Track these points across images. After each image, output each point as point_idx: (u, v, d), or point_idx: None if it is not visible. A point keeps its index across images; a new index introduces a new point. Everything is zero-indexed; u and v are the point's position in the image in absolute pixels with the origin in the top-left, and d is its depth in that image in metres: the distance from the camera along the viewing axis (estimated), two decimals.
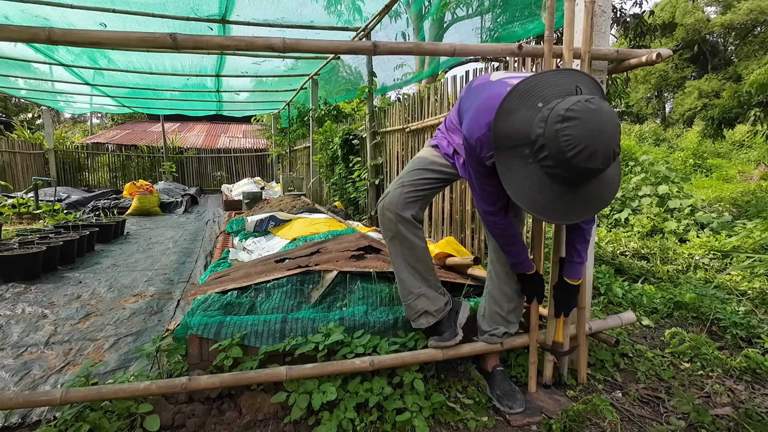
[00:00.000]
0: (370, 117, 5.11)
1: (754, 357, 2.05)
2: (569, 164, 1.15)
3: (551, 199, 1.25)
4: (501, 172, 1.30)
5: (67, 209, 7.35)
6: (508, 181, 1.28)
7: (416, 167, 1.79)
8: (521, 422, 1.63)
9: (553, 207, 1.26)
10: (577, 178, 1.20)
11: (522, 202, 1.26)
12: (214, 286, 2.30)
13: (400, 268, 1.79)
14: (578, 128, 1.13)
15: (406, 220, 1.71)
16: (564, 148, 1.14)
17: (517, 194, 1.27)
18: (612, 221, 5.44)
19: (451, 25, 4.43)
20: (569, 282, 1.70)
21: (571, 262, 1.69)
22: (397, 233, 1.73)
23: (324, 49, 1.79)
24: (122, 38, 1.54)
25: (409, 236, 1.73)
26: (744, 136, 13.52)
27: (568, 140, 1.13)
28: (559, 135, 1.15)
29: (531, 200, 1.26)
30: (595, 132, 1.13)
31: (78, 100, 9.00)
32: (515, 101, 1.28)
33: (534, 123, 1.22)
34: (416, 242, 1.75)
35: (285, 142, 10.29)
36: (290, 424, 1.59)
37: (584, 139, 1.12)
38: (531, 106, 1.26)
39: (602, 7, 1.86)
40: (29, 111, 21.90)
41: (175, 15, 4.39)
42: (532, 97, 1.27)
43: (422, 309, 1.78)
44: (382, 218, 1.76)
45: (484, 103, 1.42)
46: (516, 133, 1.26)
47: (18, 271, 3.47)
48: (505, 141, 1.28)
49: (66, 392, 1.46)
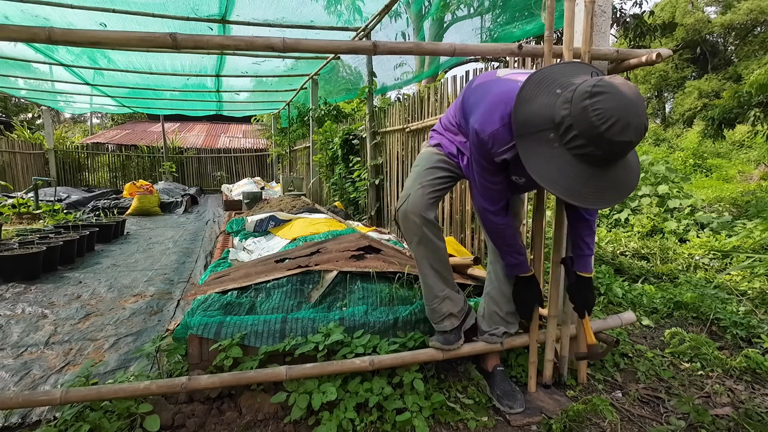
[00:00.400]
0: (370, 117, 5.11)
1: (754, 357, 2.05)
2: (602, 139, 1.14)
3: (581, 183, 1.23)
4: (526, 159, 1.27)
5: (67, 209, 7.34)
6: (534, 167, 1.26)
7: (428, 166, 1.75)
8: (521, 422, 1.63)
9: (583, 190, 1.23)
10: (609, 154, 1.18)
11: (551, 186, 1.24)
12: (214, 286, 2.30)
13: (426, 273, 1.74)
14: (608, 101, 1.13)
15: (430, 222, 1.66)
16: (596, 122, 1.13)
17: (545, 179, 1.24)
18: (612, 221, 5.44)
19: (451, 25, 4.43)
20: (585, 276, 1.69)
21: (582, 255, 1.68)
22: (422, 237, 1.67)
23: (324, 48, 1.79)
24: (122, 38, 1.54)
25: (433, 239, 1.68)
26: (744, 136, 13.52)
27: (599, 114, 1.13)
28: (588, 111, 1.14)
29: (561, 184, 1.23)
30: (626, 104, 1.13)
31: (78, 100, 9.00)
32: (532, 89, 1.29)
33: (556, 106, 1.22)
34: (439, 244, 1.71)
35: (285, 142, 10.29)
36: (290, 424, 1.59)
37: (616, 111, 1.12)
38: (549, 93, 1.27)
39: (602, 7, 1.86)
40: (29, 111, 21.90)
41: (175, 15, 4.39)
42: (549, 85, 1.28)
43: (447, 312, 1.75)
44: (405, 223, 1.69)
45: (496, 98, 1.41)
46: (538, 118, 1.25)
47: (18, 271, 3.47)
48: (527, 127, 1.27)
49: (66, 392, 1.46)
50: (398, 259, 2.51)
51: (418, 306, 1.98)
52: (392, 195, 4.75)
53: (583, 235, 1.66)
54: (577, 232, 1.67)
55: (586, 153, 1.19)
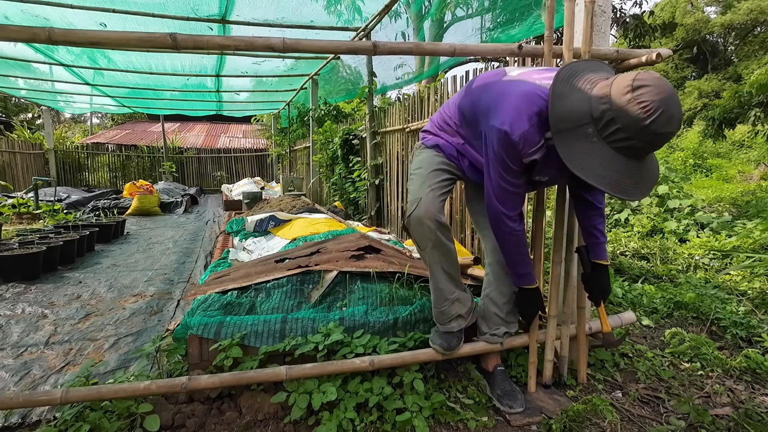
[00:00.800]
0: (370, 117, 5.11)
1: (754, 357, 2.05)
2: (646, 131, 1.15)
3: (624, 174, 1.23)
4: (566, 156, 1.27)
5: (67, 209, 7.34)
6: (576, 163, 1.25)
7: (432, 168, 1.71)
8: (521, 422, 1.63)
9: (626, 183, 1.24)
10: (651, 146, 1.20)
11: (596, 180, 1.23)
12: (214, 286, 2.30)
13: (438, 278, 1.71)
14: (652, 94, 1.14)
15: (443, 225, 1.63)
16: (641, 115, 1.14)
17: (590, 174, 1.24)
18: (612, 221, 5.44)
19: (450, 26, 4.43)
20: (602, 263, 1.70)
21: (598, 244, 1.69)
22: (436, 241, 1.63)
23: (324, 48, 1.79)
24: (122, 38, 1.54)
25: (446, 242, 1.66)
26: (744, 136, 13.51)
27: (645, 106, 1.14)
28: (633, 104, 1.15)
29: (606, 178, 1.23)
30: (669, 96, 1.15)
31: (78, 100, 9.00)
32: (563, 85, 1.30)
33: (593, 101, 1.23)
34: (451, 246, 1.69)
35: (285, 142, 10.29)
36: (290, 424, 1.59)
37: (661, 103, 1.13)
38: (580, 89, 1.28)
39: (602, 7, 1.86)
40: (29, 111, 21.90)
41: (175, 15, 4.39)
42: (578, 80, 1.29)
43: (456, 314, 1.74)
44: (419, 228, 1.63)
45: (519, 98, 1.39)
46: (575, 114, 1.26)
47: (18, 271, 3.47)
48: (564, 123, 1.27)
49: (66, 392, 1.46)
50: (398, 259, 2.51)
51: (418, 306, 1.98)
52: (392, 195, 4.75)
53: (596, 223, 1.67)
54: (591, 221, 1.67)
55: (628, 146, 1.20)
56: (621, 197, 1.26)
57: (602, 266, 1.70)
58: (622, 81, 1.19)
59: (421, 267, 2.41)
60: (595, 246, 1.69)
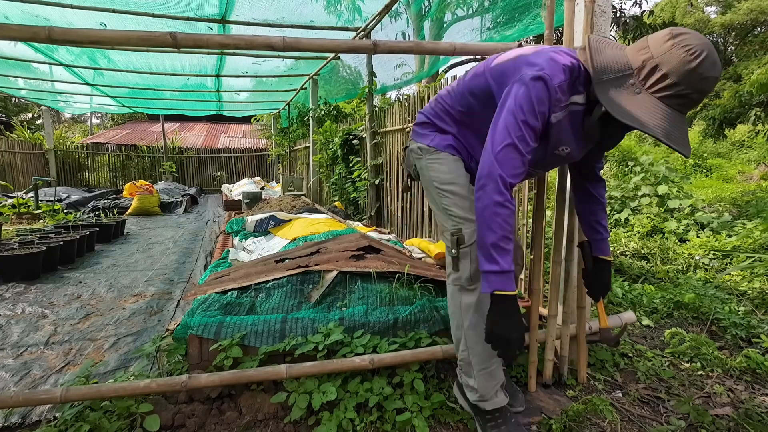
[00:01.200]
0: (370, 117, 5.11)
1: (754, 357, 2.05)
2: (694, 74, 1.13)
3: (672, 125, 1.17)
4: (612, 106, 1.21)
5: (67, 209, 7.35)
6: (624, 112, 1.19)
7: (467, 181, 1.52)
8: (521, 422, 1.63)
9: (675, 134, 1.17)
10: (697, 93, 1.16)
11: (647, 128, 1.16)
12: (214, 286, 2.30)
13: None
14: (694, 39, 1.14)
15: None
16: (688, 57, 1.12)
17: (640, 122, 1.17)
18: (612, 221, 5.44)
19: (451, 25, 4.42)
20: (605, 259, 1.67)
21: (602, 239, 1.66)
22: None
23: (324, 47, 1.79)
24: (122, 37, 1.54)
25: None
26: (744, 136, 13.51)
27: (690, 49, 1.12)
28: (677, 48, 1.13)
29: (658, 126, 1.17)
30: (708, 42, 1.14)
31: (78, 100, 9.00)
32: (597, 43, 1.29)
33: (631, 53, 1.23)
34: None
35: (285, 142, 10.28)
36: (290, 424, 1.59)
37: (704, 46, 1.13)
38: (613, 47, 1.28)
39: (602, 7, 1.86)
40: (29, 111, 21.89)
41: (175, 15, 4.38)
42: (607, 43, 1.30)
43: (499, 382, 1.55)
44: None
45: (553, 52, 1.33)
46: (615, 65, 1.24)
47: (18, 271, 3.47)
48: (606, 73, 1.24)
49: (66, 391, 1.46)
50: (398, 259, 2.51)
51: (418, 306, 1.98)
52: (392, 195, 4.74)
53: (599, 218, 1.65)
54: (595, 216, 1.65)
55: (675, 93, 1.16)
56: (673, 147, 1.15)
57: (605, 262, 1.68)
58: (658, 34, 1.18)
59: (422, 267, 2.41)
60: (599, 242, 1.67)
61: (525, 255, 2.40)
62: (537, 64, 1.29)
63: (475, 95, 1.48)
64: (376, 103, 8.26)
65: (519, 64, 1.34)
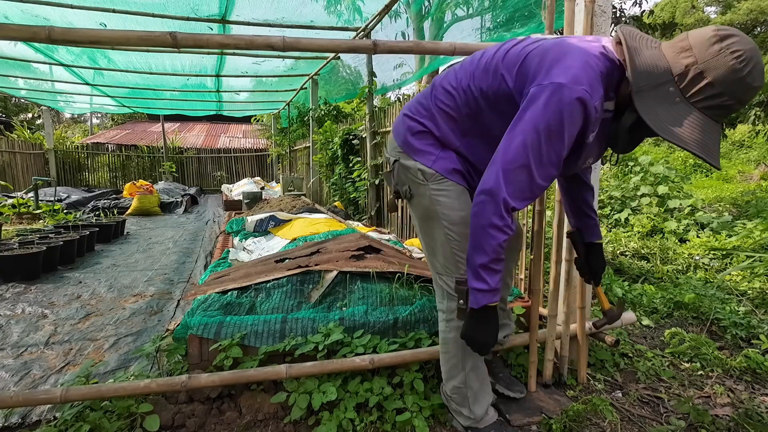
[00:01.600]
0: (370, 117, 5.11)
1: (754, 357, 2.05)
2: (741, 84, 1.02)
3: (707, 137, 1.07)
4: (654, 121, 1.08)
5: (67, 209, 7.35)
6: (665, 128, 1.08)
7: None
8: (521, 422, 1.63)
9: (710, 145, 1.07)
10: (740, 103, 1.07)
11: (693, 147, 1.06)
12: (214, 286, 2.30)
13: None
14: (743, 43, 1.02)
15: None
16: (737, 65, 1.01)
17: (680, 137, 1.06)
18: (612, 221, 5.44)
19: (451, 25, 4.42)
20: (597, 243, 1.64)
21: (594, 225, 1.63)
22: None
23: (324, 47, 1.79)
24: (122, 37, 1.54)
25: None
26: (744, 136, 13.51)
27: (740, 55, 1.01)
28: (725, 54, 1.01)
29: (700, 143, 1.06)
30: (754, 45, 1.03)
31: (78, 100, 9.00)
32: (633, 41, 1.14)
33: (671, 54, 1.09)
34: None
35: (285, 142, 10.29)
36: (290, 424, 1.59)
37: (754, 52, 1.02)
38: (649, 46, 1.13)
39: (602, 7, 1.86)
40: (29, 111, 21.89)
41: (175, 15, 4.39)
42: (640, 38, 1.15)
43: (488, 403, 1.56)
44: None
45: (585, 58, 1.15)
46: (656, 69, 1.09)
47: (18, 271, 3.47)
48: (646, 79, 1.09)
49: (66, 390, 1.46)
50: (398, 259, 2.51)
51: (418, 306, 1.98)
52: None
53: (590, 202, 1.61)
54: (585, 201, 1.61)
55: (718, 104, 1.05)
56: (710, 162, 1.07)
57: (596, 245, 1.63)
58: (703, 33, 1.05)
59: (422, 267, 2.41)
60: (591, 227, 1.63)
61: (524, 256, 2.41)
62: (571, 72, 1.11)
63: (487, 97, 1.28)
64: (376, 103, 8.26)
65: (546, 64, 1.16)
